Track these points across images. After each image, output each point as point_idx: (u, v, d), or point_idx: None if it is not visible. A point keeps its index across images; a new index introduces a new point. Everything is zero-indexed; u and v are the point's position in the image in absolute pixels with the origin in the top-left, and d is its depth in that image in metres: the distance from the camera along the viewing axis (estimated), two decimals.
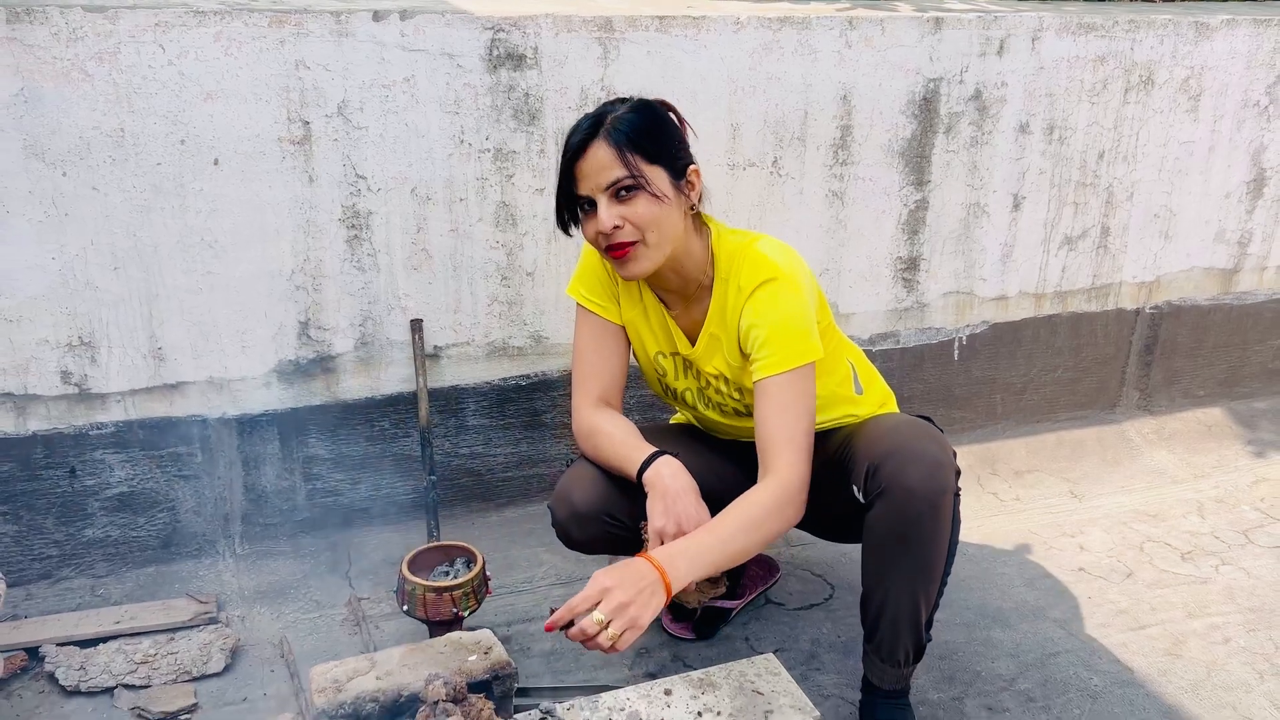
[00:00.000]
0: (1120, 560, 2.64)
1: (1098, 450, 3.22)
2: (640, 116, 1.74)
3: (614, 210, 1.72)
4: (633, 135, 1.70)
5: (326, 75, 2.24)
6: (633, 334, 2.00)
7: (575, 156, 1.73)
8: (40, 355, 2.22)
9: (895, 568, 1.77)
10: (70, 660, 2.11)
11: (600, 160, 1.71)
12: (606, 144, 1.70)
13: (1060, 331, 3.20)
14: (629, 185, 1.71)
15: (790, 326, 1.76)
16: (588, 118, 1.75)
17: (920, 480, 1.69)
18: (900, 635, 1.83)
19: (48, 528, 2.31)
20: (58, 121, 2.08)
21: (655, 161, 1.73)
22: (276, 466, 2.46)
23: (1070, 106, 2.93)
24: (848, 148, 2.74)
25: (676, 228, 1.78)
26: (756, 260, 1.80)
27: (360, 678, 1.66)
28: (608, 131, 1.70)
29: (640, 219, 1.72)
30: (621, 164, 1.70)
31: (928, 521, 1.72)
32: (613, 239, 1.74)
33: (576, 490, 1.91)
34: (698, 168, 1.81)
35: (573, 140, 1.74)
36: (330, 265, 2.38)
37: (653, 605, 1.55)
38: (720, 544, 1.66)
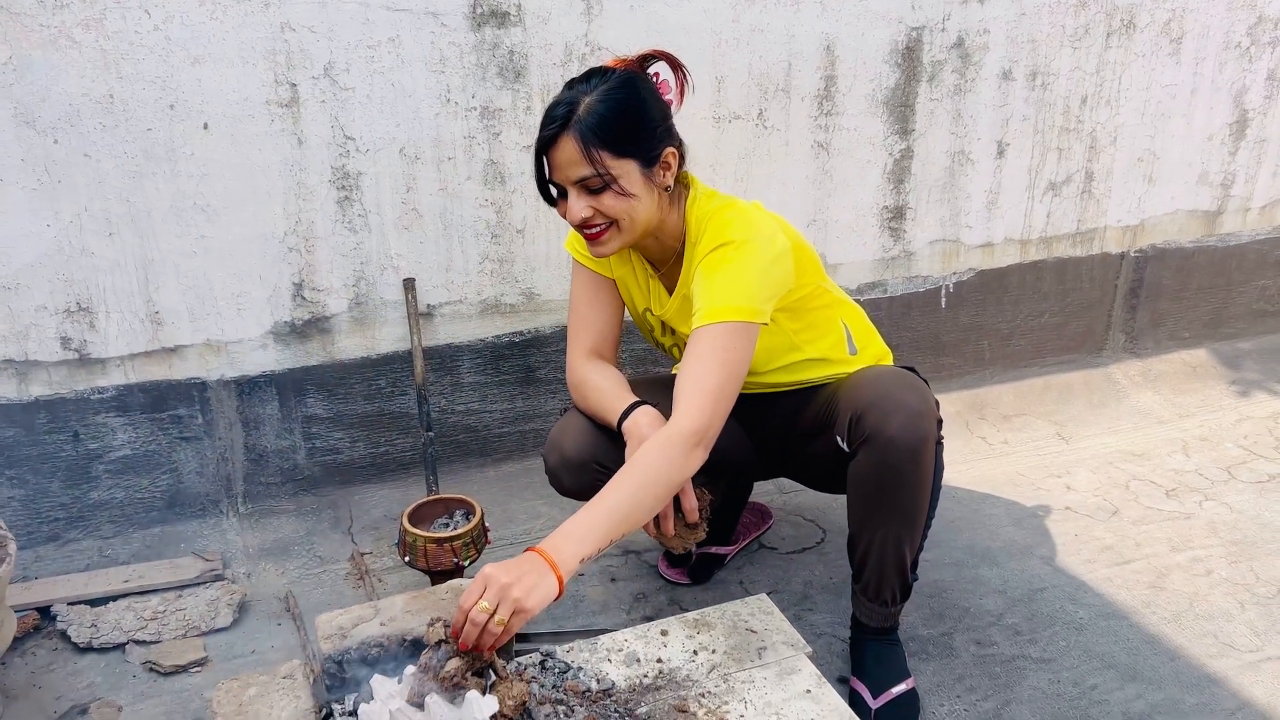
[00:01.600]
0: (1106, 499, 2.70)
1: (1085, 393, 3.27)
2: (611, 106, 1.69)
3: (583, 201, 1.73)
4: (600, 130, 1.68)
5: (312, 37, 2.25)
6: (623, 290, 2.02)
7: (545, 147, 1.73)
8: (39, 322, 2.25)
9: (879, 514, 1.82)
10: (81, 619, 2.16)
11: (568, 155, 1.70)
12: (573, 140, 1.68)
13: (1046, 277, 3.24)
14: (597, 185, 1.71)
15: (728, 286, 1.73)
16: (560, 105, 1.71)
17: (901, 429, 1.73)
18: (886, 577, 1.88)
19: (54, 491, 2.36)
20: (47, 89, 2.10)
21: (624, 155, 1.71)
22: (276, 426, 2.50)
23: (1052, 52, 2.95)
24: (832, 98, 2.76)
25: (649, 212, 1.78)
26: (719, 227, 1.79)
27: (365, 624, 1.71)
28: (576, 126, 1.68)
29: (609, 211, 1.73)
30: (587, 162, 1.69)
31: (909, 469, 1.76)
32: (584, 225, 1.77)
33: (567, 438, 1.94)
34: (675, 149, 1.78)
35: (543, 131, 1.72)
36: (322, 226, 2.40)
37: (541, 588, 1.49)
38: (608, 514, 1.60)
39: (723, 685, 1.72)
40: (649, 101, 1.75)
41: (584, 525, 1.59)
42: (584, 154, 1.68)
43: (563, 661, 1.78)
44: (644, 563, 2.42)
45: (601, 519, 1.60)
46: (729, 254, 1.76)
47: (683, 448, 1.66)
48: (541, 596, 1.50)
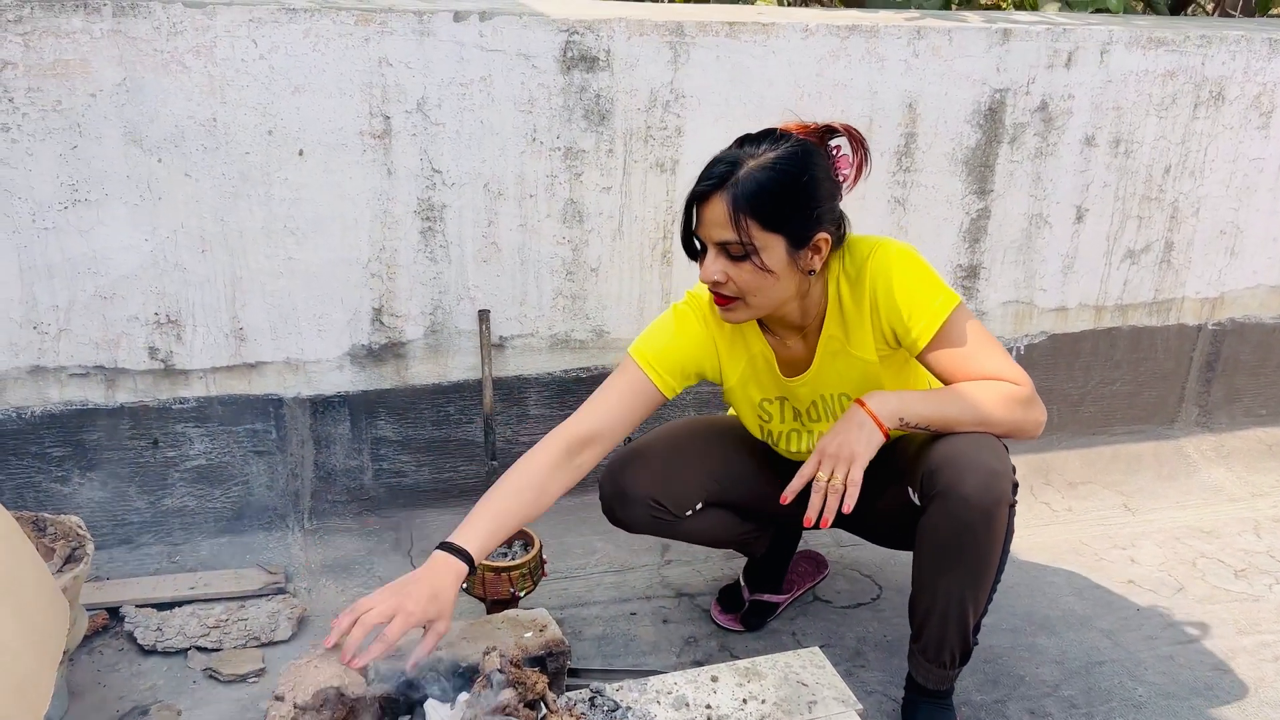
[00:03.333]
0: (1171, 575, 2.64)
1: (1154, 465, 3.21)
2: (773, 177, 1.64)
3: (719, 264, 1.69)
4: (755, 200, 1.63)
5: (408, 72, 2.33)
6: (738, 392, 1.97)
7: (697, 200, 1.70)
8: (130, 331, 2.34)
9: (946, 572, 1.80)
10: (148, 621, 2.23)
11: (716, 216, 1.66)
12: (724, 202, 1.64)
13: (1120, 345, 3.20)
14: (739, 253, 1.67)
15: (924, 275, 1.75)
16: (723, 162, 1.67)
17: (976, 488, 1.70)
18: (947, 638, 1.86)
19: (130, 495, 2.44)
20: (156, 110, 2.20)
21: (773, 230, 1.66)
22: (346, 446, 2.57)
23: (1137, 120, 2.93)
24: (911, 155, 2.77)
25: (785, 292, 1.74)
26: (852, 245, 1.79)
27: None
28: (731, 188, 1.64)
29: (743, 284, 1.70)
30: (733, 228, 1.64)
31: (981, 529, 1.73)
32: (714, 289, 1.74)
33: (626, 472, 1.98)
34: (828, 235, 1.72)
35: (699, 185, 1.69)
36: (404, 255, 2.47)
37: (864, 436, 1.64)
38: (939, 403, 1.71)
39: None
40: (816, 180, 1.69)
41: (915, 396, 1.71)
42: (731, 219, 1.64)
43: (612, 700, 1.79)
44: (697, 606, 2.42)
45: (933, 401, 1.71)
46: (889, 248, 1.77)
47: (1027, 400, 1.73)
48: (868, 445, 1.64)
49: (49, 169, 2.18)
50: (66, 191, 2.20)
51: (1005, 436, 1.77)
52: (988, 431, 1.73)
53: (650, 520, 2.01)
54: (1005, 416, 1.73)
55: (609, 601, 2.43)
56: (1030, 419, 1.75)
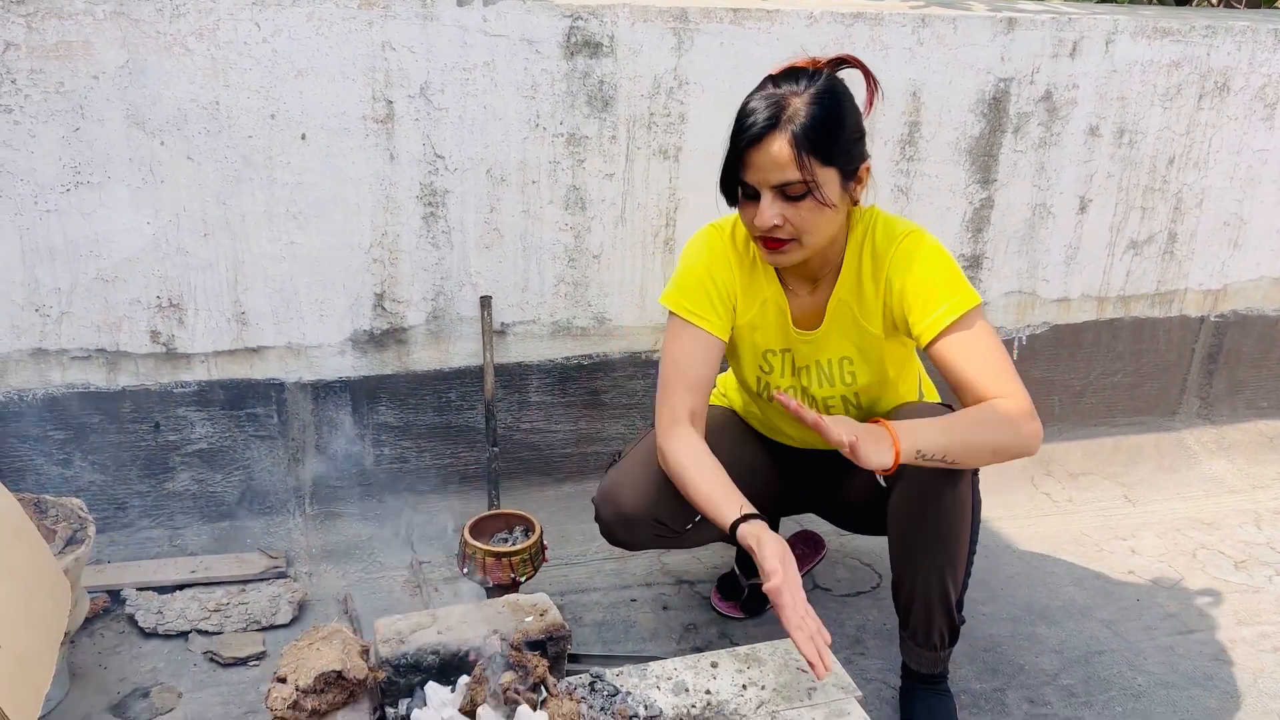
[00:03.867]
0: (1171, 566, 2.64)
1: (1155, 456, 3.21)
2: (823, 110, 1.62)
3: (776, 208, 1.65)
4: (813, 135, 1.60)
5: (411, 57, 2.33)
6: (745, 335, 1.93)
7: (750, 144, 1.63)
8: (132, 315, 2.34)
9: (920, 550, 1.80)
10: (149, 604, 2.23)
11: (775, 157, 1.61)
12: (786, 142, 1.60)
13: (1122, 336, 3.20)
14: (799, 192, 1.64)
15: (950, 271, 1.74)
16: (768, 102, 1.63)
17: None
18: (933, 618, 1.87)
19: (132, 479, 2.44)
20: (158, 93, 2.20)
21: (830, 163, 1.64)
22: (347, 432, 2.57)
23: (1142, 111, 2.93)
24: (915, 144, 2.77)
25: (836, 226, 1.73)
26: (888, 222, 1.79)
27: (422, 631, 1.74)
28: (788, 126, 1.60)
29: (802, 223, 1.66)
30: (797, 167, 1.61)
31: (949, 497, 1.74)
32: (769, 234, 1.69)
33: (625, 493, 1.91)
34: (869, 164, 1.72)
35: (751, 127, 1.63)
36: (406, 240, 2.47)
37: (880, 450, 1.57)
38: (949, 430, 1.65)
39: None
40: (852, 110, 1.69)
41: (929, 427, 1.64)
42: (795, 158, 1.60)
43: (612, 685, 1.79)
44: (696, 593, 2.43)
45: (943, 431, 1.64)
46: (923, 241, 1.75)
47: (1023, 419, 1.65)
48: (878, 460, 1.57)
49: (51, 151, 2.17)
50: (69, 174, 2.20)
51: (1007, 459, 1.72)
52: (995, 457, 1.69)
53: (653, 539, 1.99)
54: (1012, 441, 1.67)
55: (609, 588, 2.44)
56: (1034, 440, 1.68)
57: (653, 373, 2.76)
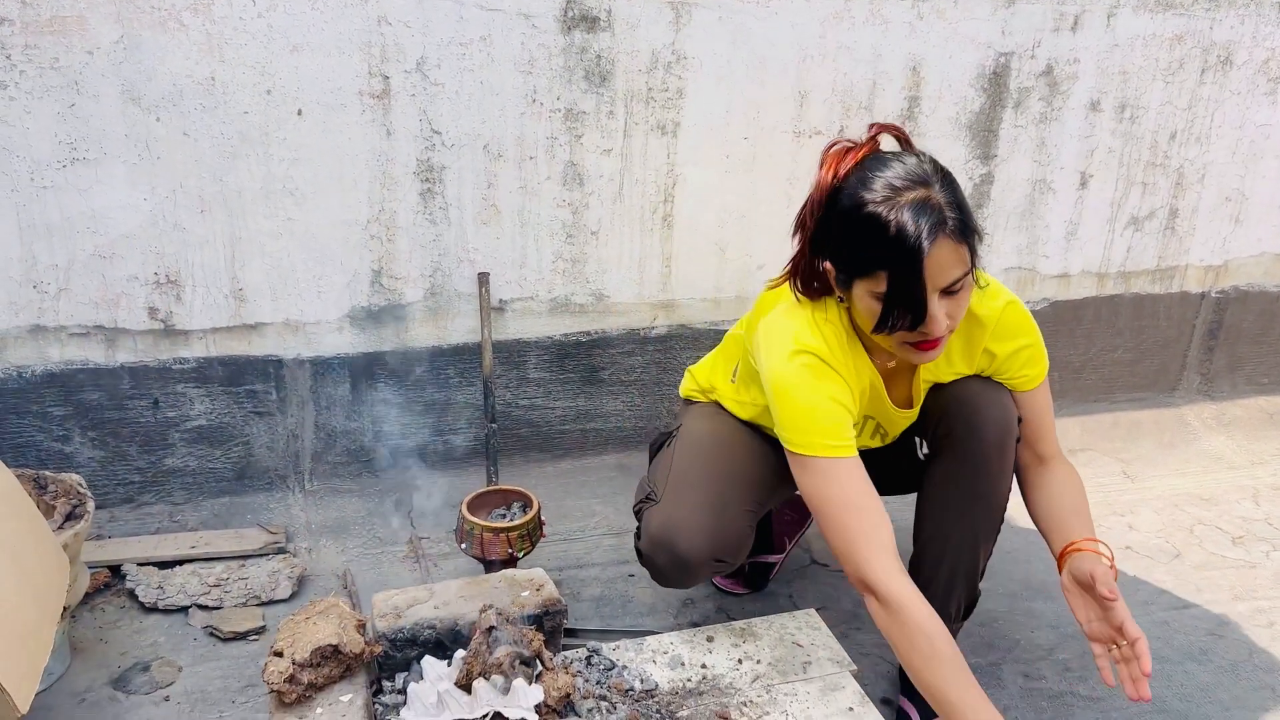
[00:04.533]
0: (1169, 541, 2.65)
1: (1154, 433, 3.21)
2: (958, 194, 1.52)
3: (943, 308, 1.52)
4: (968, 226, 1.50)
5: (407, 31, 2.31)
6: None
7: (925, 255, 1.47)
8: (130, 291, 2.34)
9: (960, 515, 1.81)
10: (149, 579, 2.24)
11: (950, 258, 1.48)
12: (954, 242, 1.48)
13: (1122, 312, 3.19)
14: (959, 286, 1.52)
15: (1039, 336, 1.79)
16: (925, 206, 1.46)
17: (994, 423, 1.74)
18: (956, 587, 1.87)
19: (131, 455, 2.45)
20: (153, 69, 2.19)
21: (973, 244, 1.53)
22: (346, 408, 2.57)
23: (1144, 85, 2.91)
24: (915, 119, 2.75)
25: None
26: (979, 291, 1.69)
27: (419, 606, 1.76)
28: (953, 225, 1.48)
29: (958, 313, 1.56)
30: (966, 260, 1.51)
31: (995, 464, 1.76)
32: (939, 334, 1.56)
33: (683, 536, 1.80)
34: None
35: (920, 238, 1.46)
36: (404, 217, 2.46)
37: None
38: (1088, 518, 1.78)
39: (765, 696, 1.74)
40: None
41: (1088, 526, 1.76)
42: (962, 253, 1.50)
43: (608, 659, 1.80)
44: None
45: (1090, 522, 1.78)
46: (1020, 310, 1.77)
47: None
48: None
49: (47, 127, 2.17)
50: (65, 150, 2.19)
51: None
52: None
53: (713, 573, 1.98)
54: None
55: (607, 563, 2.45)
56: None
57: (651, 349, 2.77)
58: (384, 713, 1.62)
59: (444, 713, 1.55)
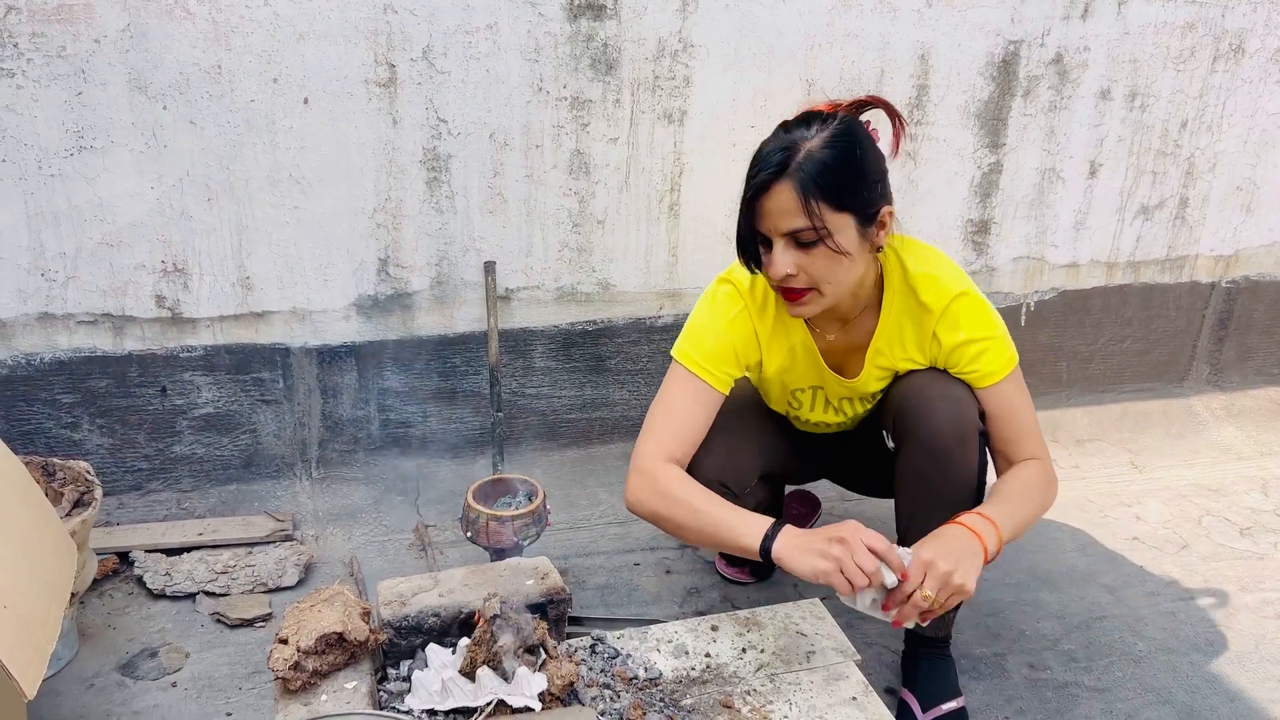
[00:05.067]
0: (1176, 532, 2.64)
1: (1162, 423, 3.20)
2: (835, 154, 1.57)
3: (789, 257, 1.62)
4: (822, 179, 1.56)
5: (413, 19, 2.31)
6: (774, 379, 1.94)
7: (758, 193, 1.60)
8: (137, 279, 2.35)
9: (928, 509, 1.79)
10: (157, 566, 2.26)
11: (782, 204, 1.58)
12: (791, 188, 1.56)
13: (1131, 302, 3.17)
14: (811, 239, 1.60)
15: (1002, 335, 1.78)
16: (777, 149, 1.59)
17: (948, 417, 1.74)
18: None
19: (139, 442, 2.46)
20: (160, 57, 2.19)
21: (843, 209, 1.59)
22: (353, 396, 2.58)
23: (1154, 73, 2.89)
24: (923, 107, 2.74)
25: (857, 273, 1.68)
26: (931, 278, 1.76)
27: (424, 594, 1.76)
28: (795, 171, 1.56)
29: (817, 272, 1.63)
30: (804, 213, 1.57)
31: (956, 455, 1.75)
32: (785, 284, 1.67)
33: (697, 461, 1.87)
34: (892, 208, 1.68)
35: (758, 176, 1.59)
36: (410, 205, 2.46)
37: (976, 569, 1.59)
38: (1015, 511, 1.70)
39: (769, 685, 1.74)
40: (870, 153, 1.65)
41: (1005, 513, 1.68)
42: (802, 204, 1.57)
43: (612, 647, 1.81)
44: (699, 558, 2.44)
45: (1013, 513, 1.70)
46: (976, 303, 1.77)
47: (1053, 484, 1.81)
48: (975, 577, 1.58)
49: (54, 115, 2.17)
50: (72, 138, 2.20)
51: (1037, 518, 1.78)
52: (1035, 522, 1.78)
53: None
54: (1046, 506, 1.79)
55: (612, 552, 2.45)
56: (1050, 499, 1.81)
57: (657, 338, 2.76)
58: (388, 700, 1.63)
59: (448, 700, 1.56)
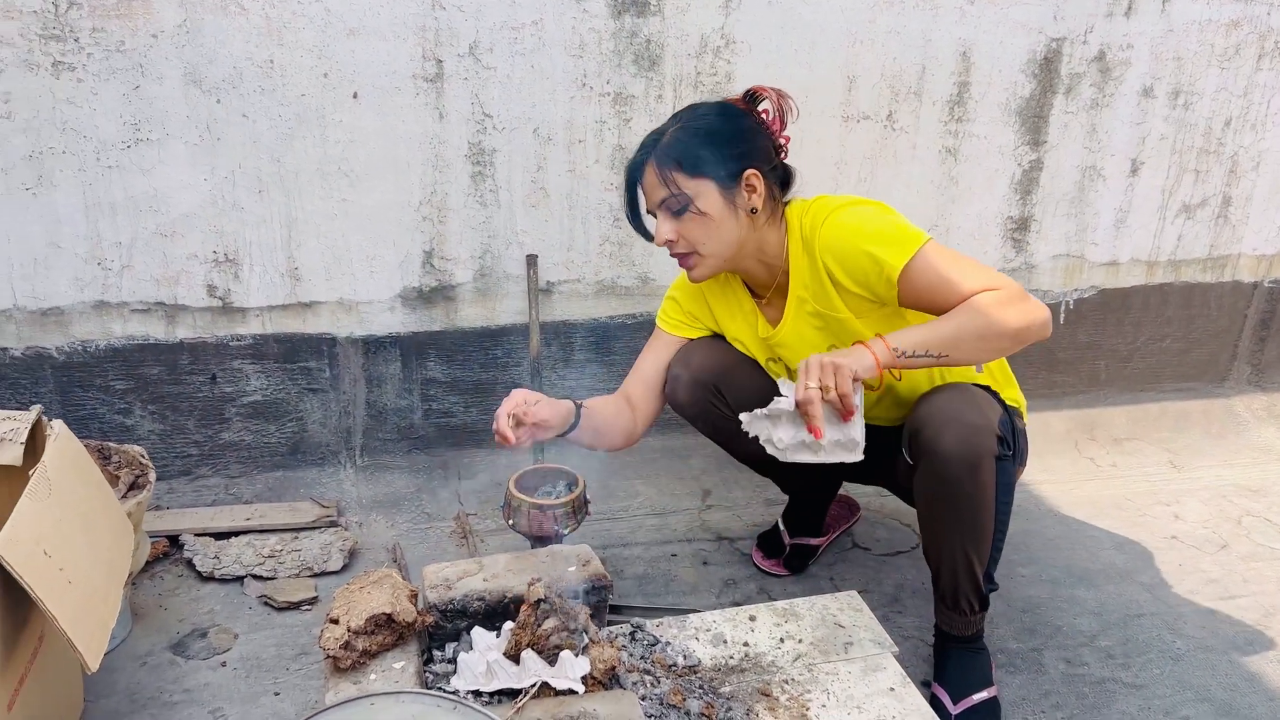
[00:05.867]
0: (1216, 532, 2.63)
1: (1202, 423, 3.18)
2: (690, 131, 1.80)
3: (668, 225, 1.83)
4: (675, 154, 1.78)
5: (460, 16, 2.35)
6: (727, 329, 2.09)
7: (635, 175, 1.86)
8: (190, 269, 2.40)
9: (943, 526, 1.82)
10: (206, 549, 2.31)
11: (650, 181, 1.82)
12: (653, 166, 1.80)
13: (1172, 301, 3.16)
14: (676, 206, 1.80)
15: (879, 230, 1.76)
16: (650, 135, 1.85)
17: (955, 444, 1.73)
18: (960, 588, 1.88)
19: (189, 429, 2.52)
20: (215, 51, 2.24)
21: (699, 175, 1.78)
22: (396, 386, 2.62)
23: (1198, 71, 2.87)
24: (964, 104, 2.74)
25: (732, 234, 1.84)
26: (814, 210, 1.86)
27: (469, 578, 1.80)
28: (657, 152, 1.80)
29: (692, 235, 1.82)
30: (663, 185, 1.79)
31: (967, 484, 1.75)
32: (671, 250, 1.87)
33: (697, 354, 2.05)
34: (757, 170, 1.81)
35: (632, 159, 1.86)
36: (455, 199, 2.50)
37: (853, 356, 1.68)
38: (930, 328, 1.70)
39: (806, 674, 1.76)
40: (731, 126, 1.81)
41: (909, 328, 1.74)
42: (659, 176, 1.79)
43: (651, 635, 1.84)
44: (736, 550, 2.46)
45: (927, 327, 1.71)
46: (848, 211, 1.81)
47: (1012, 299, 1.68)
48: (860, 363, 1.68)
49: (113, 108, 2.23)
50: (129, 131, 2.25)
51: (1014, 342, 1.70)
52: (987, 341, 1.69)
53: (709, 410, 2.05)
54: (1000, 321, 1.67)
55: (650, 543, 2.48)
56: (1029, 317, 1.68)
57: None
58: (434, 681, 1.66)
59: (493, 682, 1.59)
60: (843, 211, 1.82)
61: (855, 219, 1.80)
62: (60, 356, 2.39)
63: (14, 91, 2.18)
